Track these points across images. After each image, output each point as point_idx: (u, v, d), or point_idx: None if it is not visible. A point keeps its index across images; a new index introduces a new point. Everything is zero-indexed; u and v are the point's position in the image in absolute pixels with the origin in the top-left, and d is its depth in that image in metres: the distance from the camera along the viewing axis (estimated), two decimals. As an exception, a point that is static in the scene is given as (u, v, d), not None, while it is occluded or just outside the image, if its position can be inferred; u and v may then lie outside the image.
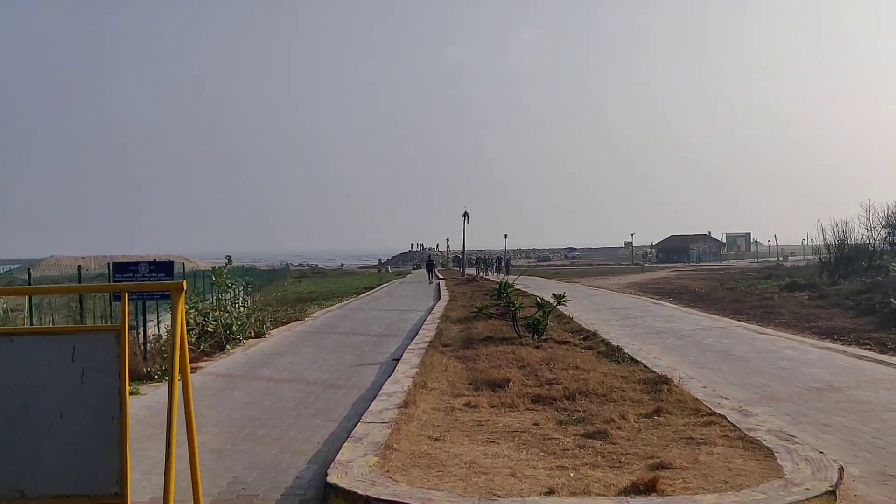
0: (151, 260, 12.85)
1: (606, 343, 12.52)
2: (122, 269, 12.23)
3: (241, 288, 16.40)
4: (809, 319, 19.33)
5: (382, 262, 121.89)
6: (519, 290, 30.08)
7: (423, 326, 16.64)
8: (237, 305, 16.81)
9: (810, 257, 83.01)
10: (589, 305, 22.87)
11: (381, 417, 7.35)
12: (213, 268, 15.14)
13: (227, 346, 14.30)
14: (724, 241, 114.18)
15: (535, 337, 13.28)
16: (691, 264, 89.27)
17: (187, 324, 15.01)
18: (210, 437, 7.09)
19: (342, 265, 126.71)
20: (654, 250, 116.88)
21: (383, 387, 9.18)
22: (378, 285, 45.92)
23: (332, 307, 25.53)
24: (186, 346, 4.26)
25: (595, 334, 13.64)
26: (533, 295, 20.80)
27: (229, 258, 15.44)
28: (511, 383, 8.82)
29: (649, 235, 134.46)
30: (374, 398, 8.63)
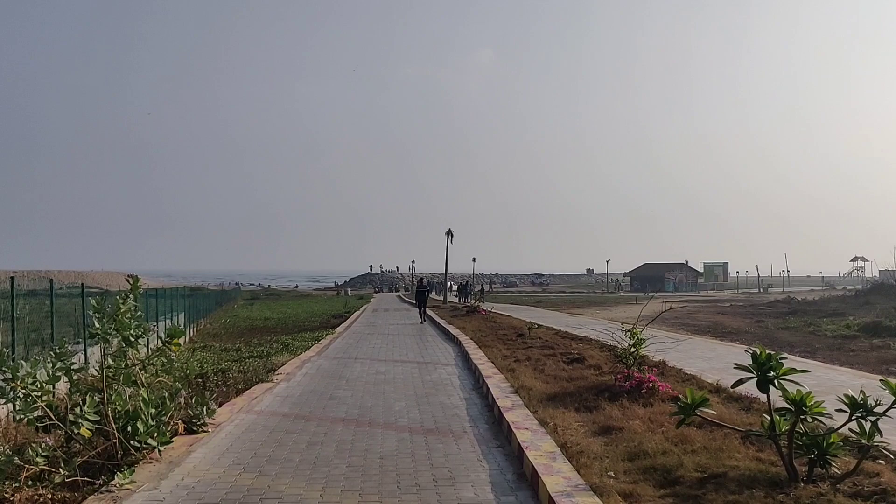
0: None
1: None
2: None
3: (157, 331, 8.47)
4: None
5: (340, 284, 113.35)
6: (553, 328, 22.66)
7: (504, 413, 8.98)
8: (151, 364, 8.70)
9: (796, 289, 78.49)
10: (692, 359, 15.02)
11: None
12: (94, 300, 7.20)
13: (119, 473, 6.47)
14: (702, 270, 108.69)
15: (816, 475, 5.85)
16: (667, 294, 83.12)
17: (39, 420, 7.17)
18: None
19: (296, 287, 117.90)
20: (627, 278, 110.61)
21: None
22: (347, 312, 38.22)
23: (307, 353, 17.48)
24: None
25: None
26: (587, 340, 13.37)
27: (135, 278, 7.61)
28: None
29: (617, 263, 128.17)
30: None
